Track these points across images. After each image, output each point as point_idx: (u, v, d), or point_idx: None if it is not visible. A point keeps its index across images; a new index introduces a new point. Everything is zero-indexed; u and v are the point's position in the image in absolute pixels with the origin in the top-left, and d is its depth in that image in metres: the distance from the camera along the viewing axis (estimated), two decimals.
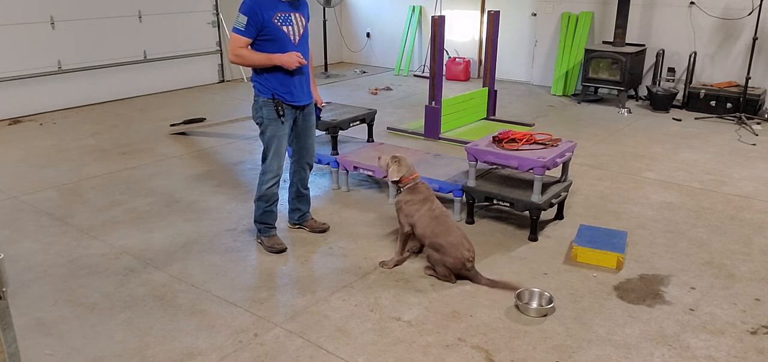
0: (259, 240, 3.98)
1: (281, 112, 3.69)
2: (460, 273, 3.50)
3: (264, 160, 3.83)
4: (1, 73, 7.11)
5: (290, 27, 3.63)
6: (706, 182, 5.17)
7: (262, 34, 3.56)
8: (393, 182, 3.77)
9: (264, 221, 3.94)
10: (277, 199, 3.95)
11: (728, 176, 5.31)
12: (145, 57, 8.47)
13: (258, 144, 3.94)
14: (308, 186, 4.19)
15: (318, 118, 4.15)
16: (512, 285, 3.40)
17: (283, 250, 3.91)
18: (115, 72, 8.16)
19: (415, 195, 3.66)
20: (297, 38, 3.68)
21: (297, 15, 3.67)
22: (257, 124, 3.81)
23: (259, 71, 3.70)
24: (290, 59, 3.60)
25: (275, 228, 4.00)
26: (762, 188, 5.03)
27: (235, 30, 3.56)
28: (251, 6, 3.52)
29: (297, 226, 4.24)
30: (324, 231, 4.20)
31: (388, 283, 3.53)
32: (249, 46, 3.59)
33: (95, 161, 5.71)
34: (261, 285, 3.53)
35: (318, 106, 4.10)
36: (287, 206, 4.27)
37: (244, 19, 3.52)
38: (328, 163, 5.01)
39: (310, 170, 4.13)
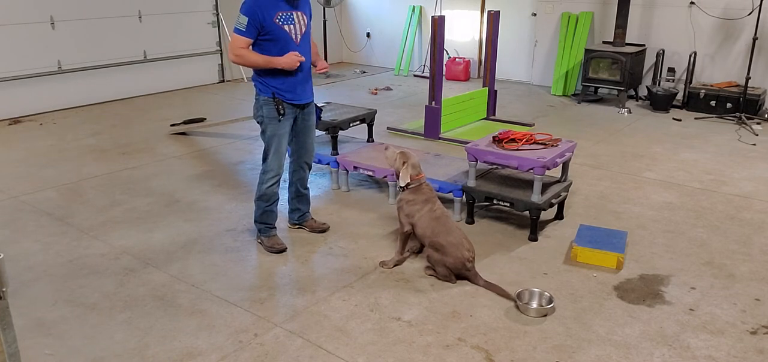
0: (259, 240, 3.98)
1: (281, 111, 3.69)
2: (460, 273, 3.50)
3: (265, 159, 3.83)
4: (1, 73, 7.11)
5: (292, 26, 3.62)
6: (706, 182, 5.17)
7: (263, 34, 3.55)
8: (401, 186, 3.74)
9: (264, 221, 3.94)
10: (277, 199, 3.95)
11: (728, 176, 5.31)
12: (145, 57, 8.47)
13: (258, 144, 3.94)
14: (308, 185, 4.19)
15: (318, 117, 4.14)
16: (507, 294, 3.38)
17: (283, 250, 3.90)
18: (115, 72, 8.16)
19: (418, 196, 3.65)
20: (299, 37, 3.67)
21: (299, 14, 3.66)
22: (258, 122, 3.81)
23: (260, 70, 3.70)
24: (290, 61, 3.59)
25: (275, 228, 4.00)
26: (762, 188, 5.03)
27: (236, 30, 3.55)
28: (252, 6, 3.51)
29: (297, 226, 4.24)
30: (324, 231, 4.19)
31: (388, 283, 3.52)
32: (250, 47, 3.59)
33: (95, 161, 5.71)
34: (261, 285, 3.53)
35: (321, 69, 3.98)
36: (287, 206, 4.27)
37: (244, 19, 3.51)
38: (328, 163, 5.01)
39: (310, 170, 4.13)
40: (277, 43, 3.58)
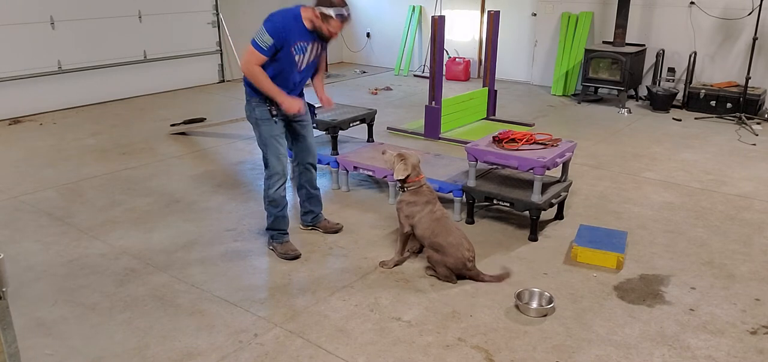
0: (272, 247, 3.92)
1: (274, 112, 3.68)
2: (461, 273, 3.50)
3: (266, 163, 3.80)
4: (1, 73, 7.11)
5: (303, 55, 3.62)
6: (706, 182, 5.17)
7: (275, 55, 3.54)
8: (397, 180, 3.74)
9: (276, 227, 3.89)
10: (287, 203, 3.90)
11: (728, 176, 5.31)
12: (145, 57, 8.47)
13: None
14: (317, 186, 4.14)
15: (313, 114, 4.11)
16: (504, 277, 3.50)
17: (297, 257, 3.82)
18: (115, 72, 8.16)
19: (418, 198, 3.64)
20: (303, 65, 3.67)
21: (315, 44, 3.66)
22: (252, 124, 3.80)
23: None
24: (291, 105, 3.61)
25: (288, 233, 3.95)
26: (762, 188, 5.03)
27: (256, 46, 3.48)
28: (280, 31, 3.47)
29: (310, 228, 4.21)
30: (337, 231, 4.16)
31: (388, 283, 3.52)
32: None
33: (95, 161, 5.71)
34: (261, 285, 3.53)
35: (325, 105, 4.02)
36: (299, 209, 4.23)
37: (269, 39, 3.45)
38: (328, 163, 5.01)
39: (315, 170, 4.09)
40: (280, 63, 3.57)
